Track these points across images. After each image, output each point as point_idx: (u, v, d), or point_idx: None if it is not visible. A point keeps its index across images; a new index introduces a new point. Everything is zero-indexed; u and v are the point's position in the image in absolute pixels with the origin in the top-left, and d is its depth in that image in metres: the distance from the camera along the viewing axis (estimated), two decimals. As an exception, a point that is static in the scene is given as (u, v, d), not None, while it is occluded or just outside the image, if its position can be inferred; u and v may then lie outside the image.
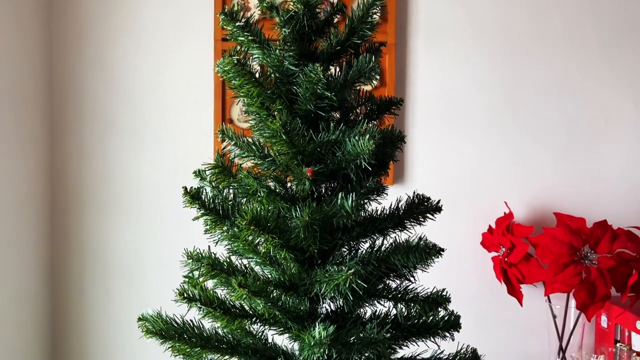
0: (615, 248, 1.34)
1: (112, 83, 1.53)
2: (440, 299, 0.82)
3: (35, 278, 1.51)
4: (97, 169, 1.54)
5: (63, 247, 1.55)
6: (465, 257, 1.55)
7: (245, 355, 0.88)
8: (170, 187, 1.54)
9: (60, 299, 1.56)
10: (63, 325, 1.56)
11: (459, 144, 1.55)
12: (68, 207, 1.55)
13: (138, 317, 0.88)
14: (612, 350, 1.42)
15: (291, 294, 0.85)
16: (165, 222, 1.54)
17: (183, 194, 0.85)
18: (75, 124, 1.54)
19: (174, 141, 1.53)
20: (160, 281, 1.52)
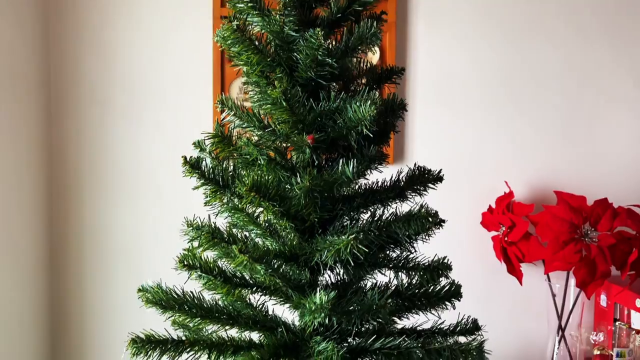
0: (615, 226, 1.34)
1: (110, 64, 1.52)
2: (442, 267, 0.82)
3: (34, 256, 1.50)
4: (95, 149, 1.53)
5: (62, 226, 1.55)
6: (465, 237, 1.55)
7: (246, 326, 0.87)
8: (168, 167, 1.53)
9: (60, 276, 1.55)
10: (63, 302, 1.56)
11: (458, 124, 1.54)
12: (67, 188, 1.54)
13: (138, 289, 0.88)
14: (611, 329, 1.42)
15: (292, 264, 0.84)
16: (163, 202, 1.54)
17: (182, 163, 0.85)
18: (74, 104, 1.53)
19: (172, 121, 1.52)
20: (159, 260, 1.51)
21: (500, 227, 1.46)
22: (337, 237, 0.74)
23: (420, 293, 0.85)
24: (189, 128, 1.52)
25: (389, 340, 0.83)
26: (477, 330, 0.87)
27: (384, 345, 0.83)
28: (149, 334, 0.77)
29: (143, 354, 0.76)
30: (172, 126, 1.53)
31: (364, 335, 0.86)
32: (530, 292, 1.54)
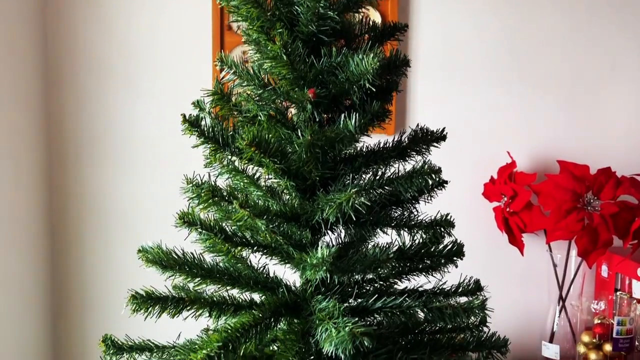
0: (618, 194, 1.33)
1: (108, 30, 1.50)
2: (444, 224, 0.81)
3: (33, 227, 1.50)
4: (93, 118, 1.52)
5: (61, 194, 1.54)
6: (466, 209, 1.54)
7: (247, 286, 0.87)
8: (166, 135, 1.52)
9: (59, 246, 1.55)
10: (63, 272, 1.56)
11: (460, 94, 1.53)
12: (65, 157, 1.53)
13: (138, 249, 0.87)
14: (612, 299, 1.42)
15: (292, 224, 0.84)
16: (161, 170, 1.53)
17: (182, 121, 0.83)
18: (70, 72, 1.51)
19: (171, 89, 1.51)
20: (158, 228, 1.51)
21: (502, 197, 1.45)
22: (339, 193, 0.73)
23: (423, 252, 0.84)
24: (187, 96, 1.49)
25: (390, 299, 0.82)
26: (480, 290, 0.86)
27: (385, 304, 0.82)
28: (149, 291, 0.77)
29: (143, 311, 0.76)
30: (170, 94, 1.51)
31: (365, 296, 0.85)
32: (531, 263, 1.54)
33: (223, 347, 0.70)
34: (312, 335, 0.80)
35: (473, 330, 0.89)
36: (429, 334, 0.90)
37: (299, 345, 0.77)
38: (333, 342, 0.67)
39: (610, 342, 1.31)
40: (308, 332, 0.81)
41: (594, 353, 1.33)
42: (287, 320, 0.84)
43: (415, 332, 0.90)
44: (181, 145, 1.16)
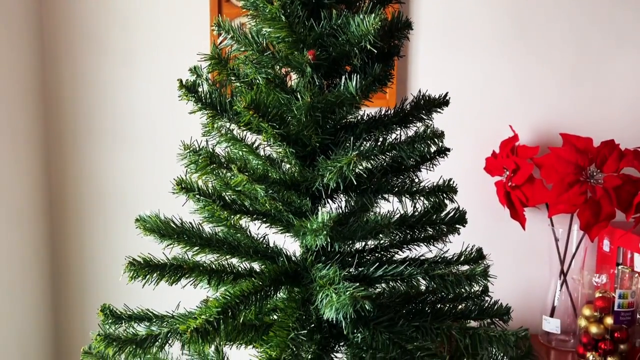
0: (622, 167, 1.31)
1: (104, 3, 1.47)
2: (447, 189, 0.80)
3: (32, 206, 1.49)
4: (89, 94, 1.50)
5: (59, 175, 1.52)
6: (467, 184, 1.52)
7: (246, 255, 0.86)
8: (164, 111, 1.50)
9: (58, 226, 1.54)
10: (62, 248, 1.55)
11: (462, 66, 1.50)
12: (62, 135, 1.51)
13: (136, 218, 0.86)
14: (613, 272, 1.41)
15: (292, 193, 0.82)
16: (159, 146, 1.51)
17: (179, 86, 0.81)
18: (67, 47, 1.48)
19: (168, 63, 1.48)
20: (158, 204, 1.49)
21: (504, 171, 1.44)
22: (340, 157, 0.71)
23: (425, 220, 0.83)
24: (185, 70, 1.47)
25: (391, 268, 0.81)
26: (482, 258, 0.85)
27: (386, 272, 0.81)
28: (147, 258, 0.76)
29: (141, 278, 0.75)
30: (168, 68, 1.49)
31: (366, 265, 0.84)
32: (532, 238, 1.53)
33: (222, 313, 0.69)
34: (312, 303, 0.79)
35: (475, 299, 0.88)
36: (430, 304, 0.89)
37: (299, 312, 0.76)
38: (334, 306, 0.66)
39: (612, 315, 1.30)
40: (308, 300, 0.80)
41: (594, 326, 1.33)
42: (288, 289, 0.83)
43: (417, 301, 0.89)
44: (180, 121, 1.14)
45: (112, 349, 0.72)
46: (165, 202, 0.92)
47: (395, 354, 0.74)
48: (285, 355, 0.66)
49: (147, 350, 0.74)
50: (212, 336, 0.66)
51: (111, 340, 0.73)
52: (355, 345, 0.79)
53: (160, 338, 0.76)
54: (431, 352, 0.73)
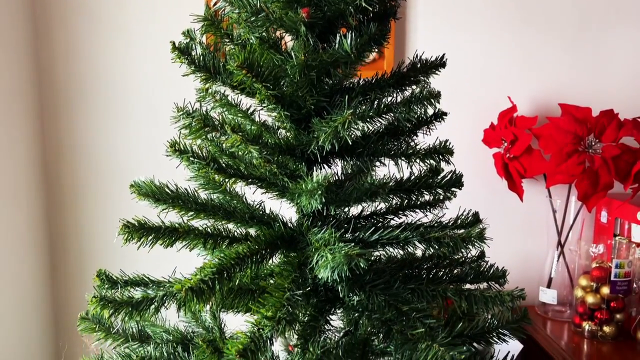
0: (620, 136, 1.30)
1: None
2: (443, 150, 0.79)
3: (27, 177, 1.48)
4: (84, 64, 1.48)
5: (53, 145, 1.51)
6: (465, 156, 1.52)
7: (242, 220, 0.85)
8: (159, 83, 1.48)
9: (54, 196, 1.54)
10: (59, 222, 1.55)
11: (461, 36, 1.49)
12: (56, 106, 1.50)
13: (130, 184, 0.85)
14: (610, 243, 1.41)
15: (287, 157, 0.82)
16: (155, 118, 1.50)
17: (171, 49, 0.80)
18: (60, 17, 1.46)
19: (163, 32, 1.46)
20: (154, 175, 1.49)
21: (502, 143, 1.43)
22: (335, 117, 0.70)
23: (421, 183, 0.82)
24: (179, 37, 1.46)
25: (387, 232, 0.81)
26: (478, 222, 0.85)
27: (381, 236, 0.81)
28: (141, 220, 0.75)
29: (135, 240, 0.74)
30: (162, 39, 1.47)
31: (362, 230, 0.84)
32: (530, 209, 1.53)
33: (217, 273, 0.69)
34: (308, 266, 0.79)
35: (471, 264, 0.88)
36: (426, 270, 0.89)
37: (295, 275, 0.76)
38: (329, 266, 0.66)
39: (608, 285, 1.31)
40: (304, 264, 0.80)
41: (591, 296, 1.34)
42: (283, 253, 0.83)
43: (413, 267, 0.89)
44: (175, 90, 1.13)
45: (107, 311, 0.72)
46: (161, 172, 0.90)
47: (391, 315, 0.74)
48: (280, 314, 0.66)
49: (143, 312, 0.74)
50: (207, 296, 0.66)
51: (106, 302, 0.72)
52: (350, 308, 0.79)
53: (156, 301, 0.75)
54: (426, 313, 0.73)
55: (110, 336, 0.88)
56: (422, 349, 0.67)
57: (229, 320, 0.98)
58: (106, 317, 0.73)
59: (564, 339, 1.35)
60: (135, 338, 0.89)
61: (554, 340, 1.33)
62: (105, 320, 0.89)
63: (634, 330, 1.31)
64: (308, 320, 0.77)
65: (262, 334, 0.65)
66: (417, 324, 0.72)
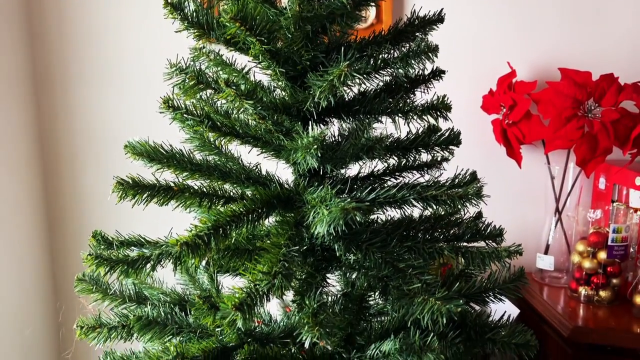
0: (620, 100, 1.29)
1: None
2: (441, 106, 0.78)
3: (23, 147, 1.47)
4: (78, 34, 1.46)
5: (49, 115, 1.50)
6: (464, 123, 1.50)
7: (238, 181, 0.85)
8: (154, 49, 1.46)
9: (51, 165, 1.53)
10: (56, 190, 1.54)
11: (459, 1, 1.46)
12: (52, 77, 1.48)
13: (124, 145, 0.84)
14: (608, 209, 1.41)
15: (283, 116, 0.80)
16: (150, 84, 1.48)
17: (164, 4, 0.78)
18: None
19: (158, 2, 1.43)
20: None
21: (500, 109, 1.42)
22: (331, 70, 0.69)
23: (419, 141, 0.81)
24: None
25: (384, 191, 0.80)
26: (476, 180, 0.84)
27: (378, 195, 0.80)
28: (135, 178, 0.75)
29: (130, 198, 0.74)
30: (156, 5, 1.44)
31: (358, 190, 0.83)
32: (528, 176, 1.52)
33: (212, 229, 0.68)
34: (305, 225, 0.78)
35: (468, 225, 0.88)
36: (424, 231, 0.89)
37: (292, 232, 0.75)
38: (325, 220, 0.66)
39: (605, 250, 1.31)
40: (301, 223, 0.80)
41: (588, 261, 1.34)
42: (280, 213, 0.83)
43: (410, 227, 0.89)
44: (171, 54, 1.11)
45: (103, 268, 0.72)
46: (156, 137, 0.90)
47: (387, 272, 0.74)
48: (276, 268, 0.65)
49: (139, 270, 0.74)
50: (202, 251, 0.66)
51: (102, 260, 0.72)
52: (347, 266, 0.79)
53: (152, 259, 0.75)
54: (423, 270, 0.73)
55: (107, 297, 0.88)
56: (419, 302, 0.67)
57: (226, 284, 0.98)
58: (102, 275, 0.73)
59: (560, 304, 1.35)
60: (133, 299, 0.89)
61: (550, 305, 1.34)
62: (101, 281, 0.89)
63: (630, 294, 1.32)
64: (305, 277, 0.76)
65: (258, 288, 0.65)
66: (413, 280, 0.72)
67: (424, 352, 0.66)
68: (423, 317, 0.66)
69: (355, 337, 0.78)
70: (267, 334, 0.83)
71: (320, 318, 0.64)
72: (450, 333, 0.74)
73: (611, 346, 1.22)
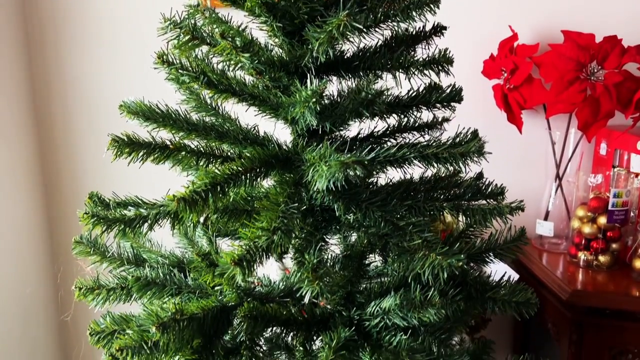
0: (624, 62, 1.27)
1: None
2: (442, 60, 0.76)
3: (18, 110, 1.45)
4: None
5: (43, 81, 1.47)
6: (464, 89, 1.49)
7: (235, 141, 0.83)
8: (148, 14, 1.43)
9: (46, 127, 1.51)
10: (52, 153, 1.53)
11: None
12: (44, 42, 1.45)
13: (119, 105, 0.83)
14: (609, 174, 1.40)
15: (281, 73, 0.79)
16: (145, 50, 1.45)
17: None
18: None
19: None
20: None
21: (502, 73, 1.40)
22: (329, 21, 0.67)
23: (420, 98, 0.79)
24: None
25: (384, 150, 0.79)
26: (477, 138, 0.83)
27: (378, 154, 0.79)
28: (131, 135, 0.73)
29: (125, 156, 0.72)
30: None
31: (358, 150, 0.82)
32: (529, 142, 1.51)
33: (210, 185, 0.67)
34: (304, 185, 0.77)
35: (469, 184, 0.87)
36: (425, 192, 0.88)
37: (290, 191, 0.74)
38: (324, 175, 0.64)
39: (605, 214, 1.30)
40: (300, 183, 0.79)
41: (587, 226, 1.34)
42: (279, 173, 0.81)
43: (410, 188, 0.88)
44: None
45: (99, 227, 0.71)
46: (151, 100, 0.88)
47: (388, 230, 0.73)
48: (275, 224, 0.64)
49: (137, 230, 0.73)
50: (199, 207, 0.65)
51: (99, 219, 0.71)
52: (347, 225, 0.78)
53: (149, 218, 0.74)
54: (423, 227, 0.72)
55: (105, 260, 0.88)
56: (419, 258, 0.66)
57: (225, 248, 0.97)
58: (99, 235, 0.72)
59: (559, 269, 1.36)
60: (131, 262, 0.89)
61: (549, 270, 1.34)
62: (99, 243, 0.88)
63: (630, 259, 1.32)
64: (304, 236, 0.76)
65: (257, 244, 0.64)
66: (414, 237, 0.71)
67: (425, 307, 0.66)
68: (423, 272, 0.66)
69: (355, 296, 0.78)
70: (266, 294, 0.83)
71: (320, 272, 0.64)
72: (451, 291, 0.74)
73: (610, 309, 1.22)
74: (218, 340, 0.74)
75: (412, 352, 0.67)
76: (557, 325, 1.32)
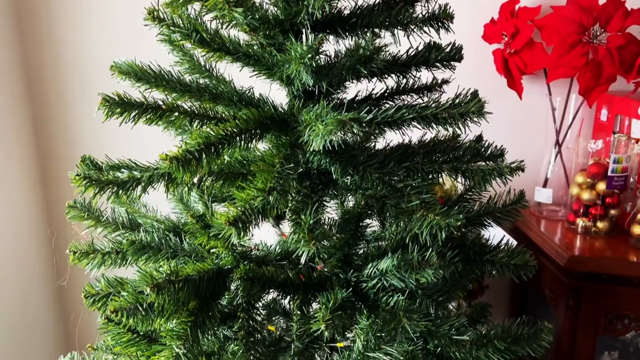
0: (627, 25, 1.24)
1: None
2: (442, 15, 0.74)
3: (11, 79, 1.42)
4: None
5: (35, 51, 1.44)
6: (464, 53, 1.46)
7: (230, 102, 0.81)
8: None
9: (39, 93, 1.48)
10: (46, 118, 1.51)
11: None
12: (35, 12, 1.41)
13: (110, 66, 0.80)
14: (609, 140, 1.39)
15: (276, 32, 0.76)
16: (137, 19, 1.42)
17: None
18: None
19: None
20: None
21: (502, 37, 1.37)
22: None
23: (419, 57, 0.77)
24: None
25: (382, 111, 0.77)
26: (477, 98, 0.81)
27: (376, 115, 0.77)
28: (122, 95, 0.71)
29: (117, 115, 0.70)
30: None
31: (355, 111, 0.80)
32: (529, 108, 1.49)
33: (204, 145, 0.65)
34: (300, 147, 0.76)
35: (469, 146, 0.85)
36: (423, 154, 0.86)
37: (286, 152, 0.73)
38: (320, 134, 0.63)
39: (604, 181, 1.30)
40: (296, 145, 0.77)
41: (586, 193, 1.33)
42: (274, 135, 0.80)
43: (409, 152, 0.86)
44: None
45: (92, 189, 0.69)
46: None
47: (385, 192, 0.72)
48: (271, 184, 0.63)
49: (130, 192, 0.72)
50: (193, 167, 0.63)
51: (91, 181, 0.70)
52: (344, 188, 0.77)
53: (142, 180, 0.73)
54: (421, 189, 0.71)
55: (100, 224, 0.87)
56: (417, 218, 0.65)
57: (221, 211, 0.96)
58: (92, 197, 0.71)
59: (557, 236, 1.35)
60: (126, 226, 0.88)
61: (547, 237, 1.34)
62: (93, 207, 0.87)
63: (628, 225, 1.31)
64: (301, 198, 0.74)
65: (253, 205, 0.63)
66: (412, 198, 0.70)
67: (423, 268, 0.65)
68: (421, 233, 0.65)
69: (352, 258, 0.77)
70: (263, 257, 0.82)
71: (316, 233, 0.63)
72: (449, 252, 0.73)
73: (607, 274, 1.23)
74: (215, 303, 0.74)
75: (409, 312, 0.66)
76: (554, 291, 1.33)
